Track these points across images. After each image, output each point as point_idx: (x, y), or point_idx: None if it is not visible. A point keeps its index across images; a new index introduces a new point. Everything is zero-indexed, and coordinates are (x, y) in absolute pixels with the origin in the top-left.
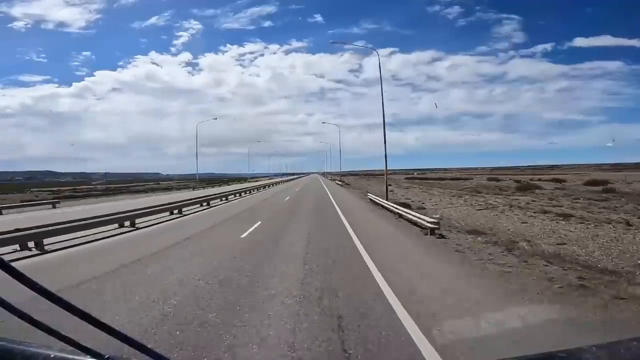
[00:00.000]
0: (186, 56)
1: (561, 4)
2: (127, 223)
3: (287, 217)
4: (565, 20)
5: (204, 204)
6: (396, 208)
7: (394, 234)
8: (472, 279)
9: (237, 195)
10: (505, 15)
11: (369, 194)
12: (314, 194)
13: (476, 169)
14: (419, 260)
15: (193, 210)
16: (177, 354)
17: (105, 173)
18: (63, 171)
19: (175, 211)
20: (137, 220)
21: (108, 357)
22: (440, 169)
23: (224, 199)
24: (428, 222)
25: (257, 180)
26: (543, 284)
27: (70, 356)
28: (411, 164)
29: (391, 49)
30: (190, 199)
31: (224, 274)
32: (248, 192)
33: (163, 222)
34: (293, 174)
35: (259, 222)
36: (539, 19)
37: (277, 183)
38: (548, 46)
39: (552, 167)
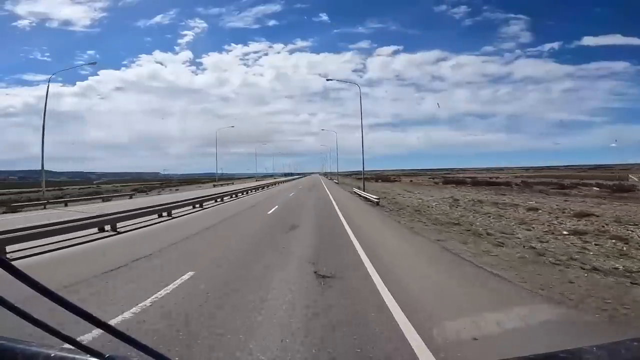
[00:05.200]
0: (190, 55)
1: (571, 2)
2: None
3: None
4: (575, 19)
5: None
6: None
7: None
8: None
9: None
10: (512, 15)
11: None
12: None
13: (503, 169)
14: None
15: None
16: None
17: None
18: (59, 170)
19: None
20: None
21: (109, 357)
22: (442, 170)
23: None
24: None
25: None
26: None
27: (71, 355)
28: (413, 164)
29: (395, 47)
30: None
31: None
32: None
33: None
34: (292, 174)
35: None
36: (548, 19)
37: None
38: (555, 45)
39: (597, 167)
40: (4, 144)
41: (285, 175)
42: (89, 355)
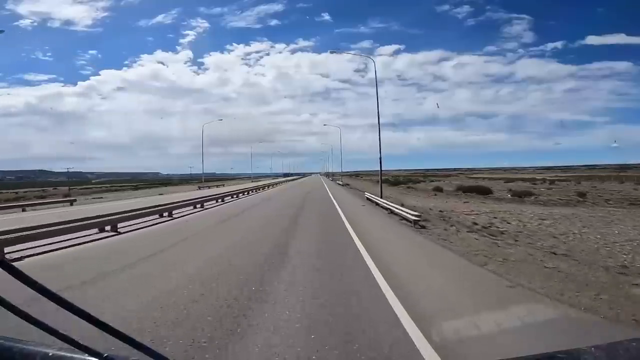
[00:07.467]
0: (192, 55)
1: (574, 2)
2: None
3: None
4: (578, 18)
5: None
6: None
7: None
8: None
9: None
10: (515, 15)
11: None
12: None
13: (524, 169)
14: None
15: None
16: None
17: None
18: (59, 170)
19: None
20: None
21: (107, 356)
22: (444, 170)
23: None
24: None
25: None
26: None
27: (69, 355)
28: (414, 164)
29: (397, 46)
30: None
31: None
32: None
33: None
34: (291, 174)
35: None
36: (551, 18)
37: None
38: (559, 44)
39: (621, 167)
40: (5, 144)
41: (285, 175)
42: (87, 355)
